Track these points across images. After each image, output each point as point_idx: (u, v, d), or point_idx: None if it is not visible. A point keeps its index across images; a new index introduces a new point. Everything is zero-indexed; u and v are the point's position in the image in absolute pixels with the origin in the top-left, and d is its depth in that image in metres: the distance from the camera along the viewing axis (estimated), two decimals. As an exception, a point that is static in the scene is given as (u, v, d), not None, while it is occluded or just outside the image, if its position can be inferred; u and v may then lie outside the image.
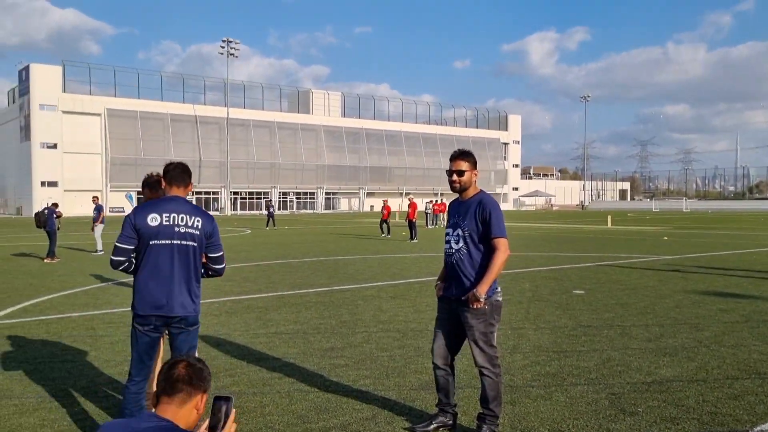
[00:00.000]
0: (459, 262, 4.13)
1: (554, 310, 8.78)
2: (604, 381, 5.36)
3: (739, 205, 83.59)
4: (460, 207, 4.24)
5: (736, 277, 12.42)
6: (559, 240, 24.30)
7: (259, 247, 20.81)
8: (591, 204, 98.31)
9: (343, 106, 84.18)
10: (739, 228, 33.39)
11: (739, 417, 4.47)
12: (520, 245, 21.39)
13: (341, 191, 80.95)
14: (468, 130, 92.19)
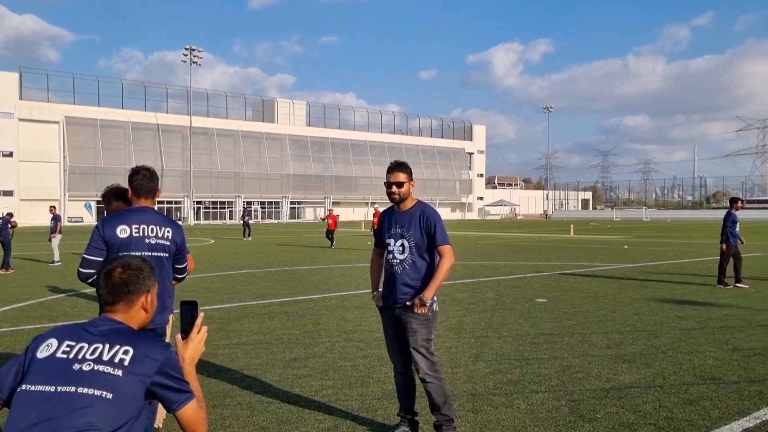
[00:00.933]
0: (404, 271, 4.17)
1: (517, 318, 8.86)
2: (564, 388, 5.42)
3: (697, 214, 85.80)
4: (400, 217, 4.25)
5: (693, 284, 12.72)
6: (523, 249, 24.58)
7: (222, 257, 20.57)
8: (554, 213, 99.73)
9: (309, 115, 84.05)
10: (696, 237, 34.26)
11: (694, 422, 4.56)
12: (484, 254, 21.58)
13: (306, 200, 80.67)
14: (433, 139, 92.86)
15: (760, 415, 4.67)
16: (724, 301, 10.36)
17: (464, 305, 10.03)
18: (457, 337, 7.56)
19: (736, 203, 13.03)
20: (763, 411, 4.77)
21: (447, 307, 9.78)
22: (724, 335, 7.60)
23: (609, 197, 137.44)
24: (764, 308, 9.68)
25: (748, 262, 17.71)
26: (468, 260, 18.92)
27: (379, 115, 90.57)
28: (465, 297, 10.96)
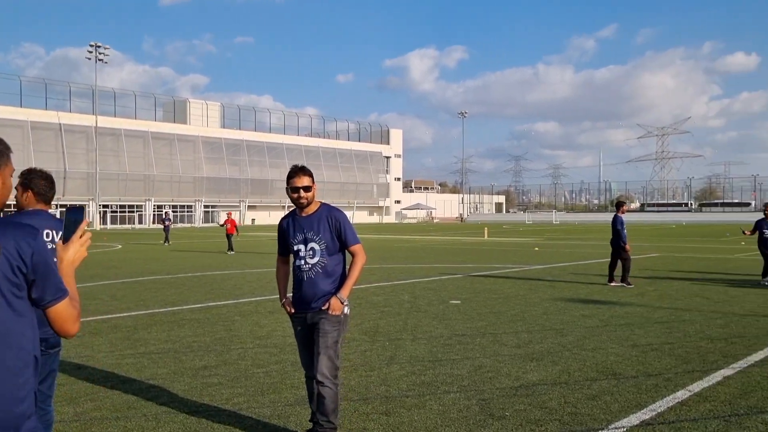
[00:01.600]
0: (316, 276, 4.12)
1: (431, 320, 8.98)
2: (475, 387, 5.53)
3: (603, 216, 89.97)
4: (305, 222, 4.19)
5: (598, 285, 13.31)
6: (439, 252, 24.99)
7: (130, 263, 19.76)
8: (469, 216, 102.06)
9: (223, 116, 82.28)
10: (601, 238, 35.92)
11: (596, 416, 4.75)
12: (401, 257, 21.77)
13: (221, 204, 78.83)
14: (350, 143, 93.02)
15: (655, 408, 4.92)
16: (625, 300, 10.89)
17: (380, 308, 10.07)
18: (372, 341, 7.57)
19: (621, 207, 13.76)
20: (658, 403, 5.03)
21: (363, 311, 9.79)
22: (625, 332, 7.98)
23: (521, 201, 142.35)
24: (661, 306, 10.24)
25: (648, 263, 18.75)
26: (384, 263, 19.03)
27: (296, 117, 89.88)
28: (381, 300, 11.00)
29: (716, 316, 9.13)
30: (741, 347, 7.05)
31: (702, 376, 5.84)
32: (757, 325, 8.46)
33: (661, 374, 5.92)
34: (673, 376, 5.83)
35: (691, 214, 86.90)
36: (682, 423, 4.57)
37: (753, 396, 5.21)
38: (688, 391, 5.34)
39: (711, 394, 5.25)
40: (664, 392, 5.33)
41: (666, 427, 4.50)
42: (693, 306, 10.17)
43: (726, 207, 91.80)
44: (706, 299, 10.91)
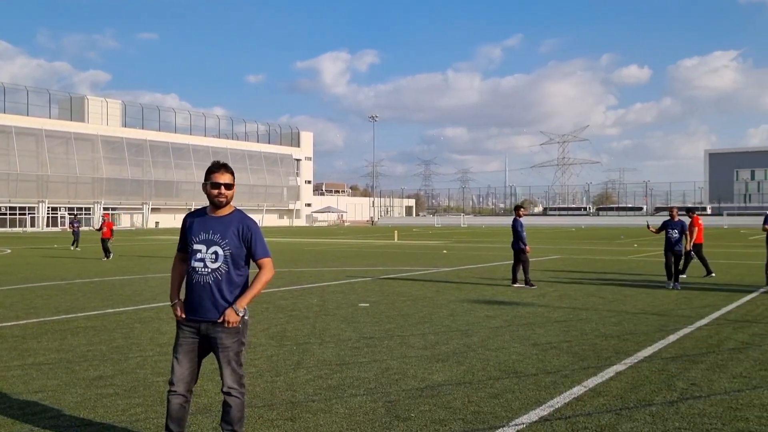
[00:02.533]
0: (216, 282, 3.85)
1: (340, 323, 8.94)
2: (382, 390, 5.54)
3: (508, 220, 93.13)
4: (214, 223, 3.93)
5: (502, 286, 13.72)
6: (349, 255, 25.00)
7: (20, 268, 18.54)
8: (380, 220, 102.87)
9: (124, 115, 78.96)
10: (506, 241, 37.09)
11: (498, 414, 4.87)
12: (311, 261, 21.62)
13: (122, 206, 75.60)
14: (260, 145, 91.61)
15: (553, 404, 5.10)
16: (527, 301, 11.28)
17: (288, 312, 9.93)
18: (279, 345, 7.44)
19: (520, 210, 14.31)
20: (556, 399, 5.22)
21: (270, 315, 9.63)
22: (527, 332, 8.26)
23: (431, 204, 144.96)
24: (560, 306, 10.68)
25: (549, 264, 19.54)
26: (294, 267, 18.84)
27: (203, 118, 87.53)
28: (288, 304, 10.86)
29: (610, 315, 9.61)
30: (632, 344, 7.45)
31: (596, 372, 6.12)
32: (647, 322, 8.97)
33: (559, 371, 6.16)
34: (570, 373, 6.08)
35: (589, 218, 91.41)
36: (577, 418, 4.76)
37: (642, 389, 5.51)
38: (584, 387, 5.58)
39: (604, 389, 5.51)
40: (561, 388, 5.54)
41: (562, 422, 4.68)
42: (589, 305, 10.66)
43: (621, 211, 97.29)
44: (602, 299, 11.47)
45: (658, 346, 7.31)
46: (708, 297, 11.56)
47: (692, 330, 8.32)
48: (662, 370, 6.19)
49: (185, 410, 3.96)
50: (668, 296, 11.74)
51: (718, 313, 9.74)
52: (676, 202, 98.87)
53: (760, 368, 6.23)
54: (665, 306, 10.52)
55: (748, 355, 6.84)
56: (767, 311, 9.92)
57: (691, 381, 5.77)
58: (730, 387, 5.57)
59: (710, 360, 6.60)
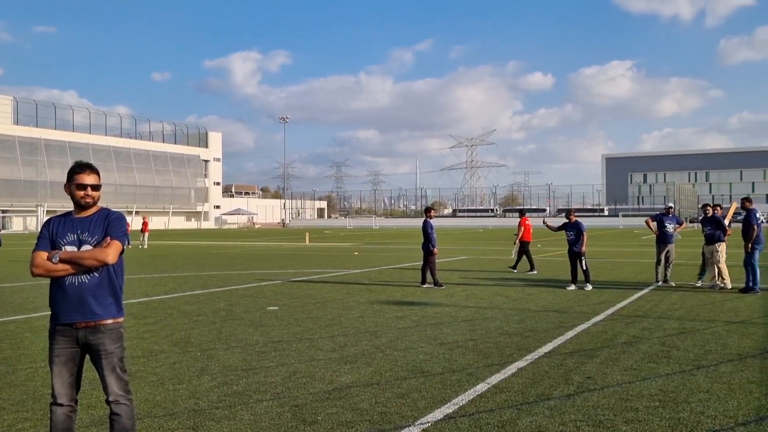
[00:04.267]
0: (91, 283, 3.66)
1: (247, 327, 8.77)
2: (289, 394, 5.47)
3: (419, 222, 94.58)
4: (81, 222, 3.73)
5: (412, 287, 13.90)
6: (259, 258, 24.60)
7: None
8: (291, 222, 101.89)
9: (16, 112, 74.12)
10: (417, 242, 37.67)
11: (404, 414, 4.92)
12: (219, 264, 21.10)
13: (14, 209, 71.00)
14: (165, 145, 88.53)
15: (458, 401, 5.21)
16: (436, 301, 11.48)
17: (193, 317, 9.64)
18: (183, 352, 7.21)
19: (430, 212, 14.60)
20: (461, 397, 5.34)
21: (174, 321, 9.31)
22: (434, 331, 8.40)
23: (343, 206, 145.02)
24: (468, 305, 10.94)
25: (458, 265, 19.99)
26: (200, 270, 18.33)
27: (104, 116, 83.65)
28: (194, 309, 10.55)
29: (514, 313, 9.94)
30: (533, 341, 7.73)
31: (499, 369, 6.31)
32: (548, 319, 9.34)
33: (464, 369, 6.30)
34: (474, 371, 6.23)
35: (496, 219, 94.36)
36: (480, 414, 4.88)
37: (541, 384, 5.72)
38: (487, 384, 5.74)
39: (506, 386, 5.69)
40: (466, 386, 5.67)
41: (466, 419, 4.78)
42: (495, 304, 10.99)
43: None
44: (506, 298, 11.85)
45: (557, 342, 7.63)
46: (603, 294, 12.18)
47: (588, 326, 8.74)
48: (560, 365, 6.46)
49: (72, 420, 3.75)
50: (567, 294, 12.28)
51: (613, 309, 10.28)
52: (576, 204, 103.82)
53: (648, 361, 6.62)
54: (565, 304, 10.99)
55: (639, 348, 7.25)
56: (656, 307, 10.57)
57: (587, 375, 6.05)
58: (621, 379, 5.88)
59: (604, 354, 6.95)
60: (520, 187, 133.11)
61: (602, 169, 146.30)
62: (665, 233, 14.05)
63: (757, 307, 10.36)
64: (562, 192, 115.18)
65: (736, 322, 8.94)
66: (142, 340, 7.92)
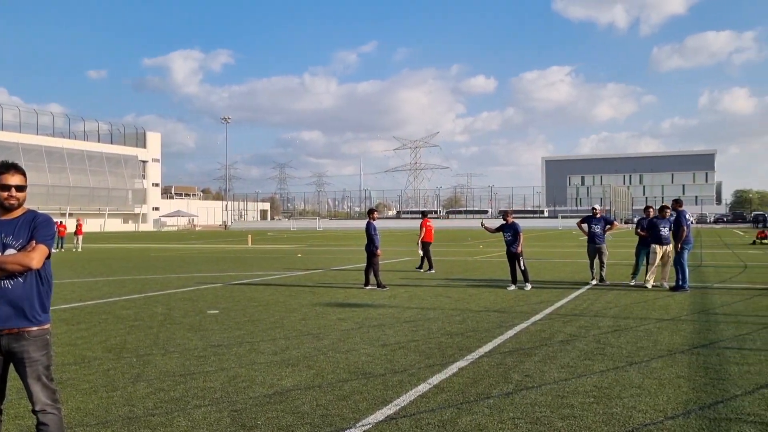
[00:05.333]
0: (19, 290, 3.52)
1: (186, 332, 8.57)
2: (228, 399, 5.37)
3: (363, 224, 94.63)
4: (5, 225, 3.59)
5: (355, 288, 13.88)
6: (200, 260, 24.11)
7: None
8: (234, 224, 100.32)
9: (-60, 109, 70.59)
10: (361, 244, 37.67)
11: (345, 416, 4.90)
12: (157, 268, 20.58)
13: (-61, 211, 67.47)
14: (101, 145, 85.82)
15: (399, 402, 5.23)
16: (379, 302, 11.50)
17: (129, 322, 9.36)
18: (117, 358, 6.98)
19: (373, 214, 14.66)
20: (402, 398, 5.35)
21: (108, 326, 9.02)
22: (377, 333, 8.41)
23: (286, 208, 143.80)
24: (410, 306, 11.00)
25: (401, 266, 20.09)
26: (138, 274, 17.83)
27: (35, 114, 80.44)
28: (130, 313, 10.25)
29: (456, 313, 10.05)
30: (474, 340, 7.84)
31: (441, 369, 6.36)
32: (489, 319, 9.49)
33: (406, 370, 6.33)
34: (416, 371, 6.27)
35: (439, 221, 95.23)
36: (421, 414, 4.91)
37: (481, 383, 5.80)
38: (428, 384, 5.78)
39: (447, 385, 5.74)
40: (407, 387, 5.69)
41: (407, 419, 4.80)
42: (437, 305, 11.08)
43: (468, 214, 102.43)
44: (449, 298, 11.97)
45: (497, 341, 7.75)
46: (542, 294, 12.46)
47: (528, 325, 8.92)
48: (500, 364, 6.57)
49: None
50: (508, 294, 12.51)
51: (551, 308, 10.53)
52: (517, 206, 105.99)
53: (584, 358, 6.80)
54: (505, 303, 11.19)
55: (575, 346, 7.44)
56: (592, 305, 10.88)
57: (525, 373, 6.17)
58: (558, 377, 6.02)
59: (542, 352, 7.11)
60: (463, 189, 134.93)
61: (542, 171, 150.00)
62: (594, 234, 14.49)
63: (687, 305, 10.80)
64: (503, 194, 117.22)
65: (667, 320, 9.29)
66: (74, 346, 7.64)
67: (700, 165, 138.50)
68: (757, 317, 9.44)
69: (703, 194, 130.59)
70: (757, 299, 11.38)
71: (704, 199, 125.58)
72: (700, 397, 5.33)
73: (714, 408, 5.02)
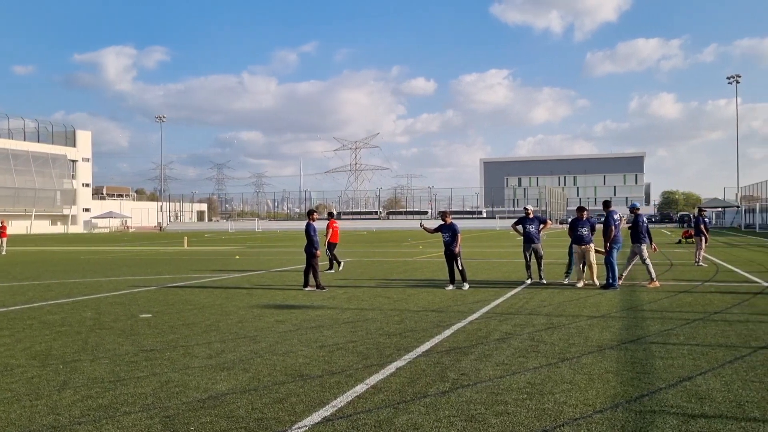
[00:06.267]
0: None
1: (116, 337, 8.30)
2: (160, 405, 5.22)
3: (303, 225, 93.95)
4: None
5: (294, 290, 13.76)
6: (133, 263, 23.40)
7: None
8: (169, 225, 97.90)
9: None
10: (301, 245, 37.38)
11: (281, 419, 4.84)
12: (87, 271, 19.86)
13: None
14: (28, 143, 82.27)
15: (336, 404, 5.21)
16: (318, 303, 11.43)
17: (55, 328, 8.99)
18: (42, 365, 6.69)
19: (313, 215, 14.60)
20: (339, 399, 5.33)
21: (33, 332, 8.65)
22: (315, 334, 8.35)
23: (224, 209, 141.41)
24: (349, 307, 10.98)
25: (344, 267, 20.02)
26: (66, 278, 17.16)
27: (-43, 111, 76.42)
28: (57, 319, 9.84)
29: (394, 314, 10.10)
30: (412, 340, 7.89)
31: (379, 369, 6.37)
32: (427, 319, 9.57)
33: (344, 371, 6.31)
34: (354, 372, 6.25)
35: (380, 222, 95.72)
36: (358, 415, 4.90)
37: (419, 383, 5.84)
38: (366, 385, 5.77)
39: (384, 386, 5.75)
40: (345, 388, 5.68)
41: (344, 421, 4.78)
42: (376, 305, 11.11)
43: (408, 215, 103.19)
44: (387, 298, 12.02)
45: (435, 340, 7.82)
46: (479, 293, 12.66)
47: (465, 324, 9.04)
48: (437, 363, 6.63)
49: None
50: (446, 294, 12.65)
51: (488, 307, 10.71)
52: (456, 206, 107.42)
53: (518, 356, 6.94)
54: (443, 303, 11.31)
55: (510, 344, 7.59)
56: (527, 304, 11.13)
57: (462, 371, 6.25)
58: (494, 374, 6.13)
59: (478, 351, 7.22)
60: (403, 190, 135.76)
61: (480, 173, 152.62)
62: (529, 234, 14.84)
63: (616, 302, 11.18)
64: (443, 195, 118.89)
65: (598, 317, 9.60)
66: (-4, 354, 7.28)
67: (630, 167, 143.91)
68: (681, 313, 9.86)
69: (632, 195, 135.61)
70: (682, 296, 11.90)
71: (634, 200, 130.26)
72: (627, 390, 5.52)
73: (640, 401, 5.21)
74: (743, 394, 5.35)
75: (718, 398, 5.25)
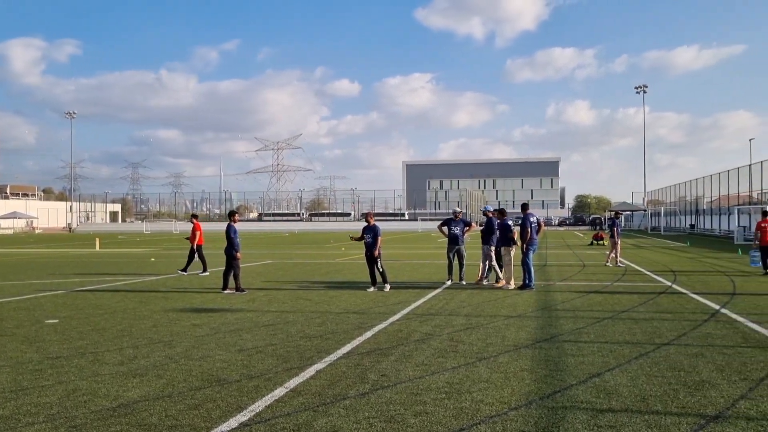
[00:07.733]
0: None
1: (19, 344, 7.84)
2: (66, 414, 4.96)
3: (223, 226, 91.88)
4: None
5: (212, 293, 13.43)
6: (39, 266, 22.21)
7: None
8: (80, 226, 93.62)
9: None
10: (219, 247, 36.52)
11: (197, 425, 4.70)
12: (-12, 274, 18.68)
13: None
14: (-76, 138, 76.61)
15: (254, 408, 5.11)
16: (237, 306, 11.20)
17: (-49, 336, 8.40)
18: (-65, 376, 6.23)
19: (234, 216, 14.40)
20: (257, 403, 5.23)
21: (-75, 341, 8.04)
22: (233, 338, 8.18)
23: (140, 209, 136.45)
24: (269, 310, 10.82)
25: (261, 269, 19.75)
26: (-35, 282, 16.08)
27: None
28: (-47, 326, 9.20)
29: (315, 316, 10.02)
30: (333, 342, 7.85)
31: (298, 372, 6.30)
32: (348, 320, 9.55)
33: (262, 375, 6.20)
34: (273, 376, 6.16)
35: (302, 223, 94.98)
36: (276, 419, 4.83)
37: (338, 385, 5.81)
38: (285, 388, 5.70)
39: (304, 389, 5.69)
40: (263, 392, 5.58)
41: (262, 425, 4.70)
42: (297, 308, 10.99)
43: (331, 216, 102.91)
44: (309, 301, 11.92)
45: (355, 342, 7.82)
46: (401, 295, 12.76)
47: (386, 325, 9.09)
48: (358, 364, 6.62)
49: None
50: (367, 296, 12.68)
51: (409, 308, 10.81)
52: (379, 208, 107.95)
53: (438, 356, 7.04)
54: (364, 305, 11.33)
55: (430, 344, 7.68)
56: (447, 305, 11.31)
57: (382, 372, 6.27)
58: (413, 374, 6.18)
59: (399, 352, 7.27)
60: (326, 192, 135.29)
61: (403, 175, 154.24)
62: (454, 236, 15.10)
63: (532, 302, 11.53)
64: (366, 197, 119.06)
65: (514, 317, 9.87)
66: None
67: (546, 171, 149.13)
68: (592, 312, 10.28)
69: (548, 198, 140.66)
70: (592, 296, 12.41)
71: (550, 203, 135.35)
72: (540, 388, 5.70)
73: (553, 398, 5.39)
74: (647, 389, 5.63)
75: (624, 393, 5.50)
